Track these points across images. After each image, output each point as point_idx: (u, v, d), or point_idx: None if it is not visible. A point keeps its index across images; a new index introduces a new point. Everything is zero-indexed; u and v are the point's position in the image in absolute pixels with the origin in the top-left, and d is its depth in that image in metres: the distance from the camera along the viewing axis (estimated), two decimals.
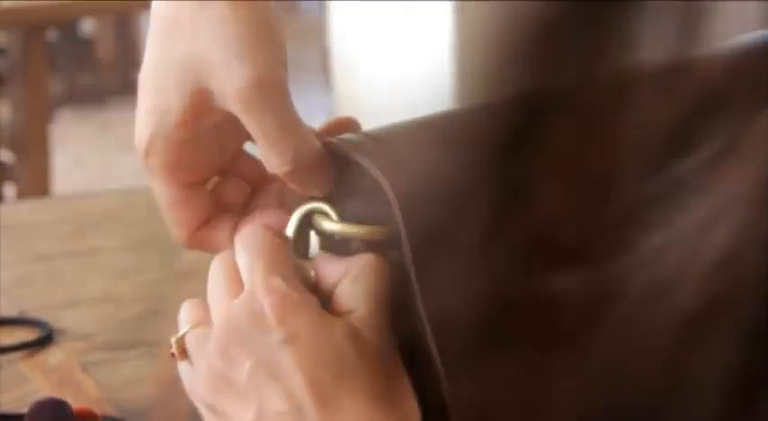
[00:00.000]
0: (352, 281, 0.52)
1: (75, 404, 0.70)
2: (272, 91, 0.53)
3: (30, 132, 2.25)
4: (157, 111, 0.55)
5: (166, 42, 0.55)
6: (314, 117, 0.62)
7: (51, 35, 3.97)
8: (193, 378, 0.53)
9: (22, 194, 2.25)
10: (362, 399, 0.49)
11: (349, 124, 0.57)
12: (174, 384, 0.76)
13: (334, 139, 0.53)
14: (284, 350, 0.49)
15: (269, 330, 0.50)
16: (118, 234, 1.05)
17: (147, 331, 0.85)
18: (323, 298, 0.52)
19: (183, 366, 0.55)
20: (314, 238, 0.55)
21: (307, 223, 0.54)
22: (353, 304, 0.51)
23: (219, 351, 0.51)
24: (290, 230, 0.54)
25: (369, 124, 0.57)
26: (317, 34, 3.98)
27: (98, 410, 0.72)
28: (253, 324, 0.50)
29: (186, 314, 0.55)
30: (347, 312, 0.51)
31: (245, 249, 0.53)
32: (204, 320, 0.54)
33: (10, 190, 2.34)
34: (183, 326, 0.55)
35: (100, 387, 0.77)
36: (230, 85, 0.53)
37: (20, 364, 0.81)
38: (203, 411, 0.53)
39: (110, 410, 0.74)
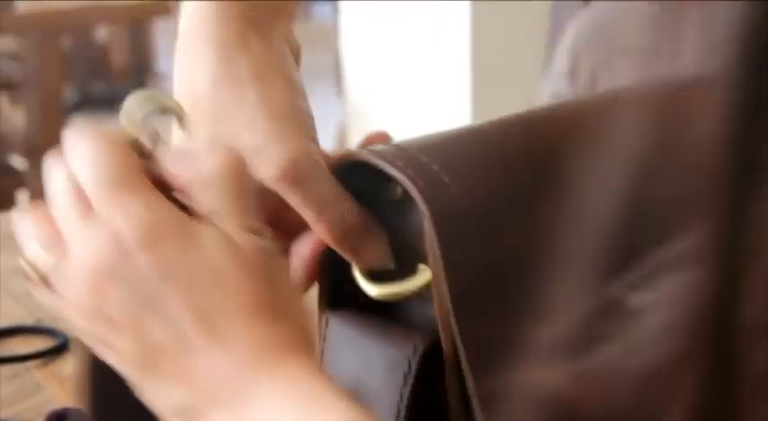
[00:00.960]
0: (206, 183, 0.49)
1: None
2: (309, 167, 0.53)
3: (43, 138, 2.25)
4: None
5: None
6: (326, 122, 0.61)
7: (65, 42, 3.97)
8: (62, 306, 0.50)
9: (35, 200, 2.25)
10: (246, 315, 0.46)
11: (381, 139, 0.57)
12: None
13: (362, 150, 0.53)
14: (156, 278, 0.46)
15: (136, 260, 0.47)
16: None
17: None
18: (177, 196, 0.49)
19: (43, 291, 0.50)
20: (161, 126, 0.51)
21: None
22: (212, 206, 0.49)
23: (88, 286, 0.48)
24: (138, 114, 0.50)
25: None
26: (330, 40, 3.98)
27: None
28: (117, 256, 0.47)
29: (30, 228, 0.50)
30: (210, 214, 0.48)
31: (82, 163, 0.48)
32: (55, 239, 0.49)
33: (23, 196, 2.34)
34: (31, 243, 0.49)
35: None
36: (267, 168, 0.53)
37: (35, 373, 0.80)
38: (86, 338, 0.50)
39: None
